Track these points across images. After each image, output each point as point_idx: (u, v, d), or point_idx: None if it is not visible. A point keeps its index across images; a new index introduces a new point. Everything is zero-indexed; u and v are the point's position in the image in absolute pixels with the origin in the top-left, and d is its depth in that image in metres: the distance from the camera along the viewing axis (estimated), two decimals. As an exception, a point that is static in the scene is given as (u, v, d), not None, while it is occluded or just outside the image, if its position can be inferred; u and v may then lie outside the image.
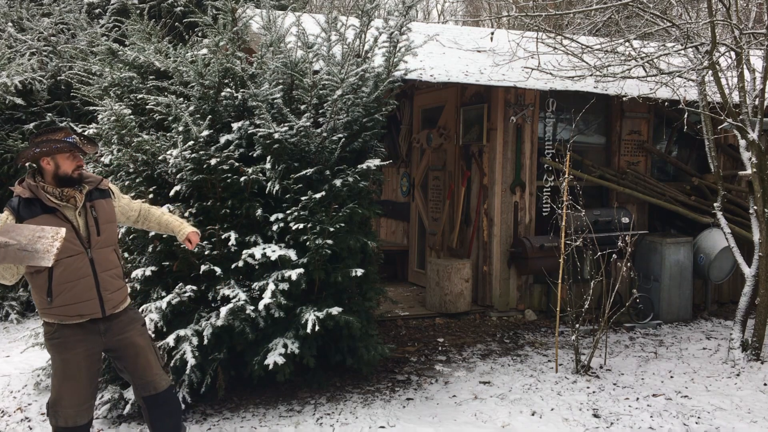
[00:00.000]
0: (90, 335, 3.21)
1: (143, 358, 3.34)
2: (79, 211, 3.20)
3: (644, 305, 6.95)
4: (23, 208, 3.10)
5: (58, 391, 3.19)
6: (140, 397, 3.39)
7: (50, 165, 3.15)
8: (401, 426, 4.27)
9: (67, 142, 3.14)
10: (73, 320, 3.16)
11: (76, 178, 3.20)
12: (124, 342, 3.29)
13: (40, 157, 3.14)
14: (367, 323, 4.81)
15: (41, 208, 3.11)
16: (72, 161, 3.17)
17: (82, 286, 3.16)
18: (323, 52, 4.88)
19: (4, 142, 7.43)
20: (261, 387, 4.71)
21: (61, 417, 3.18)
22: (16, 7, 9.09)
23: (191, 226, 3.61)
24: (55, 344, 3.19)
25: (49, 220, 3.09)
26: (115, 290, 3.27)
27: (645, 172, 7.43)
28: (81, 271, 3.15)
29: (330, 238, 4.42)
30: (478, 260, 7.09)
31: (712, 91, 5.97)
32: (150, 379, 3.35)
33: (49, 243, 2.91)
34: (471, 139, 7.17)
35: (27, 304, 7.41)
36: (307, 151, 4.63)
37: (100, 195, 3.31)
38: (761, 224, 5.48)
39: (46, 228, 2.94)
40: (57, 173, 3.15)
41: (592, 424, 4.36)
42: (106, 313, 3.22)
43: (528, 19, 6.08)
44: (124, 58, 5.31)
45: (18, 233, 2.92)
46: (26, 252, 2.89)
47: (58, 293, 3.12)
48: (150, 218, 3.60)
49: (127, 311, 3.35)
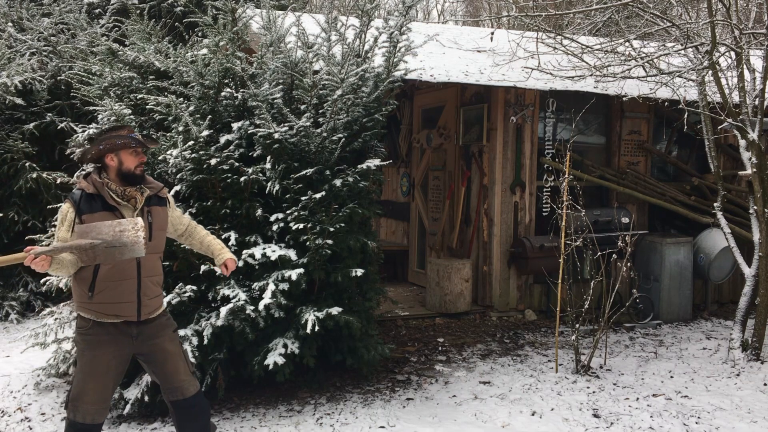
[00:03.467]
0: (122, 337, 3.21)
1: (171, 363, 3.34)
2: (137, 213, 3.22)
3: (644, 305, 6.95)
4: (84, 203, 3.13)
5: (82, 387, 3.19)
6: (168, 401, 3.41)
7: (114, 161, 3.19)
8: (401, 426, 4.27)
9: (131, 138, 3.19)
10: (108, 319, 3.18)
11: (139, 175, 3.23)
12: (154, 347, 3.30)
13: (105, 153, 3.18)
14: (367, 323, 4.81)
15: (101, 205, 3.15)
16: (135, 158, 3.21)
17: (125, 288, 3.17)
18: (323, 52, 4.88)
19: (4, 142, 7.42)
20: (261, 387, 4.71)
21: (80, 413, 3.18)
22: (16, 7, 9.08)
23: (230, 252, 3.62)
24: (88, 341, 3.19)
25: (107, 217, 3.12)
26: (153, 296, 3.29)
27: (645, 172, 7.43)
28: (127, 272, 3.17)
29: (330, 238, 4.42)
30: (478, 260, 7.09)
31: (712, 91, 5.97)
32: (177, 384, 3.36)
33: (134, 234, 2.95)
34: (471, 139, 7.17)
35: (27, 304, 7.41)
36: (307, 151, 4.63)
37: (158, 202, 3.34)
38: (761, 224, 5.48)
39: (122, 221, 2.99)
40: (120, 169, 3.19)
41: (592, 424, 4.36)
42: (141, 318, 3.22)
43: (528, 19, 6.08)
44: (124, 58, 5.30)
45: (97, 232, 2.96)
46: (115, 248, 2.94)
47: (100, 290, 3.14)
48: (194, 235, 3.62)
49: (159, 317, 3.35)
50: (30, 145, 7.51)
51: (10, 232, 7.36)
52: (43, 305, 7.13)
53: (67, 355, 4.78)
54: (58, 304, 5.31)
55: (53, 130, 7.82)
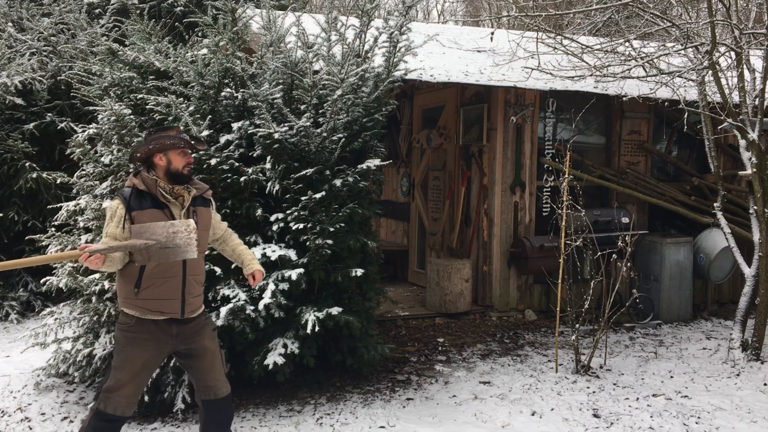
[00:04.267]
0: (162, 336, 3.25)
1: (209, 362, 3.38)
2: (184, 212, 3.29)
3: (644, 305, 6.95)
4: (134, 199, 3.20)
5: (118, 380, 3.23)
6: (200, 399, 3.44)
7: (162, 161, 3.26)
8: (401, 426, 4.27)
9: (180, 138, 3.27)
10: (153, 316, 3.22)
11: (186, 175, 3.31)
12: (194, 345, 3.34)
13: (154, 153, 3.26)
14: (367, 323, 4.81)
15: (151, 202, 3.22)
16: (183, 158, 3.28)
17: (170, 285, 3.22)
18: (323, 52, 4.88)
19: (4, 142, 7.42)
20: (261, 387, 4.71)
21: (111, 405, 3.22)
22: (16, 7, 9.08)
23: (259, 264, 3.66)
24: (129, 337, 3.24)
25: (156, 214, 3.19)
26: (196, 295, 3.34)
27: (645, 172, 7.43)
28: (173, 270, 3.22)
29: (330, 238, 4.42)
30: (478, 260, 7.09)
31: (712, 91, 5.97)
32: (212, 383, 3.39)
33: (187, 236, 3.06)
34: (471, 139, 7.17)
35: (27, 304, 7.41)
36: (307, 151, 4.63)
37: (203, 203, 3.41)
38: (761, 224, 5.48)
39: (175, 223, 3.09)
40: (169, 169, 3.26)
41: (592, 424, 4.36)
42: (184, 315, 3.27)
43: (528, 19, 6.08)
44: (124, 58, 5.30)
45: (151, 232, 3.04)
46: (169, 249, 3.04)
47: (146, 286, 3.19)
48: (228, 242, 3.65)
49: (200, 316, 3.41)
50: (30, 145, 7.51)
51: (10, 232, 7.36)
52: (43, 305, 7.13)
53: (67, 356, 4.78)
54: (58, 304, 5.32)
55: (53, 130, 7.82)
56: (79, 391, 4.89)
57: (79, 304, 4.84)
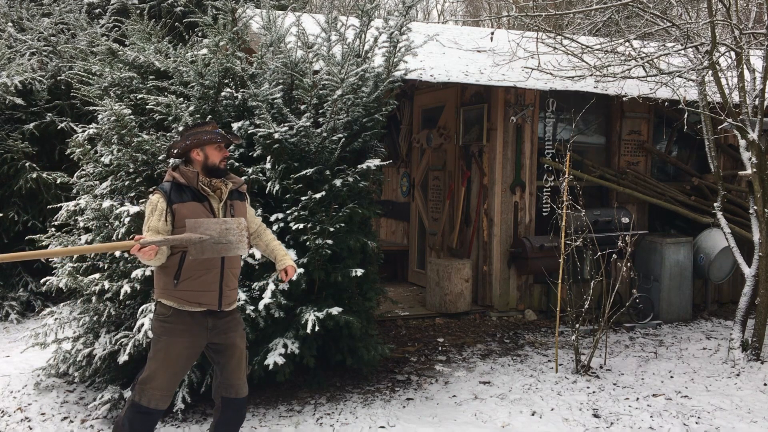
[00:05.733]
0: (197, 328, 3.29)
1: (237, 361, 3.43)
2: (222, 205, 3.35)
3: (644, 305, 6.95)
4: (174, 193, 3.26)
5: (153, 372, 3.26)
6: (219, 396, 3.47)
7: (200, 156, 3.33)
8: (401, 426, 4.27)
9: (216, 133, 3.33)
10: (191, 307, 3.26)
11: (223, 169, 3.37)
12: (227, 341, 3.38)
13: (191, 148, 3.32)
14: (367, 323, 4.81)
15: (191, 196, 3.28)
16: (219, 152, 3.35)
17: (209, 277, 3.27)
18: (323, 52, 4.88)
19: (4, 142, 7.42)
20: (261, 387, 4.71)
21: (146, 396, 3.25)
22: (16, 7, 9.08)
23: (291, 260, 3.68)
24: (166, 328, 3.27)
25: (196, 207, 3.25)
26: (233, 288, 3.40)
27: (645, 172, 7.43)
28: (212, 262, 3.27)
29: (330, 238, 4.42)
30: (478, 260, 7.09)
31: (712, 91, 5.97)
32: (235, 383, 3.44)
33: (239, 233, 3.18)
34: (471, 139, 7.17)
35: (27, 304, 7.41)
36: (307, 151, 4.63)
37: (239, 197, 3.46)
38: (761, 224, 5.48)
39: (228, 220, 3.21)
40: (206, 164, 3.33)
41: (592, 424, 4.36)
42: (221, 307, 3.32)
43: (528, 19, 6.08)
44: (124, 58, 5.30)
45: (206, 228, 3.13)
46: (221, 244, 3.15)
47: (185, 278, 3.24)
48: (262, 237, 3.67)
49: (234, 312, 3.46)
50: (30, 145, 7.51)
51: (10, 232, 7.36)
52: (43, 305, 7.13)
53: (67, 356, 4.78)
54: (58, 304, 5.32)
55: (53, 130, 7.81)
56: (79, 391, 4.89)
57: (79, 304, 4.84)
